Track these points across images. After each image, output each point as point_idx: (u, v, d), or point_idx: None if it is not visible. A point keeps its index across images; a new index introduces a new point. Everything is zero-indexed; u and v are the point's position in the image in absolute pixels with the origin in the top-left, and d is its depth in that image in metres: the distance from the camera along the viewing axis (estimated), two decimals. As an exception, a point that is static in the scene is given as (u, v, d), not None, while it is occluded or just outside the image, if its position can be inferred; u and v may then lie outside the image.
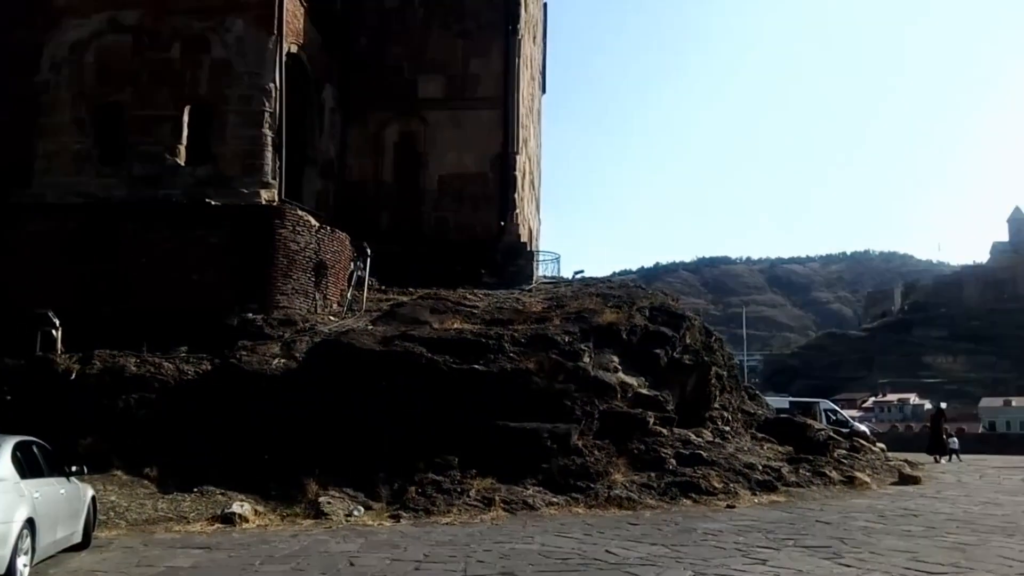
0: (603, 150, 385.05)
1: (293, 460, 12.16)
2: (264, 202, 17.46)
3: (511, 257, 21.80)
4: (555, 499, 11.86)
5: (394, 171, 23.11)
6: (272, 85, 18.06)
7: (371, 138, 23.00)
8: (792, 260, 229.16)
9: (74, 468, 8.70)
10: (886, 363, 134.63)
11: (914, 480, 16.06)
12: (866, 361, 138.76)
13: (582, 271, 24.73)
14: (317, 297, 17.17)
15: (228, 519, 10.38)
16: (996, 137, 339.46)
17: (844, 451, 17.36)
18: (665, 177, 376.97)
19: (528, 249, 23.46)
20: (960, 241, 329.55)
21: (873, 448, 19.49)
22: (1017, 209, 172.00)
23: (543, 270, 24.24)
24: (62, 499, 8.11)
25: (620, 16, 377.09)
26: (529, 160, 26.34)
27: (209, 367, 14.02)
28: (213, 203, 16.46)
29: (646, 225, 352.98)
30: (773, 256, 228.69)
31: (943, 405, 33.23)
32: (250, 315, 15.53)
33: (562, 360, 14.72)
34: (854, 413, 62.12)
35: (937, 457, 24.24)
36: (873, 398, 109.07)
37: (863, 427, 30.95)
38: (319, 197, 21.65)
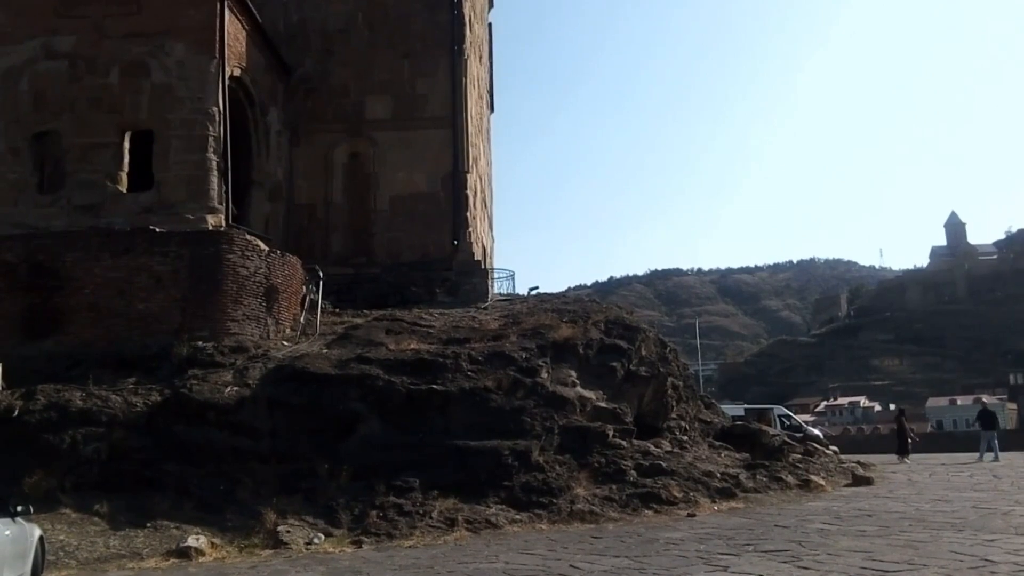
0: (554, 167, 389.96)
1: (250, 489, 11.97)
2: (211, 227, 17.21)
3: (466, 275, 21.80)
4: (518, 516, 11.85)
5: (344, 192, 22.89)
6: (215, 109, 17.83)
7: (320, 160, 22.82)
8: (742, 270, 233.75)
9: (19, 508, 8.39)
10: (835, 368, 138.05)
11: (867, 481, 16.44)
12: (816, 366, 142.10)
13: (537, 287, 24.87)
14: (269, 322, 16.93)
15: (184, 553, 10.12)
16: (932, 143, 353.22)
17: (799, 455, 17.72)
18: (616, 192, 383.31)
19: (482, 267, 23.47)
20: (901, 246, 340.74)
21: (827, 451, 19.93)
22: (953, 214, 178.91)
23: (498, 288, 24.33)
24: (7, 541, 7.83)
25: (566, 30, 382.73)
26: (480, 179, 26.47)
27: (159, 398, 13.67)
28: (158, 230, 16.16)
29: (599, 240, 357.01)
30: (723, 266, 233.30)
31: (895, 406, 34.17)
32: (200, 343, 15.25)
33: (520, 376, 14.78)
34: (807, 418, 63.46)
35: (903, 458, 24.91)
36: (825, 402, 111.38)
37: (816, 431, 31.65)
38: (268, 220, 21.41)
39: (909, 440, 26.01)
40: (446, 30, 23.42)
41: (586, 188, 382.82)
